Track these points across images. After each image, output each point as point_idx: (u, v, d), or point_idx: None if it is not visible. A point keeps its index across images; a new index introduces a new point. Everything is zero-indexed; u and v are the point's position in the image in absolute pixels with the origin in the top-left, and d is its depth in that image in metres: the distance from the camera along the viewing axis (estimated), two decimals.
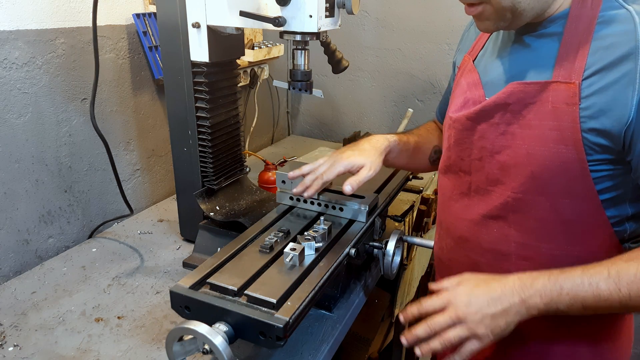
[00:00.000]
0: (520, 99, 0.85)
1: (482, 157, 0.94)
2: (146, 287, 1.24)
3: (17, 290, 1.23)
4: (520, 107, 0.86)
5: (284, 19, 1.05)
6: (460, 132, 0.97)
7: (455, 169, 1.01)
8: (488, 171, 0.93)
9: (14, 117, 1.26)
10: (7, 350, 1.02)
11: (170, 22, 1.22)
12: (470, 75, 0.98)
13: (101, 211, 1.56)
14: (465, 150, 0.97)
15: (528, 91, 0.85)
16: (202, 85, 1.25)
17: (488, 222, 0.95)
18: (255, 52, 1.88)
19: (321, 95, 1.20)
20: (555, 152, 0.82)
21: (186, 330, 0.82)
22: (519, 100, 0.86)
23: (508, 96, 0.87)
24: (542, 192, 0.86)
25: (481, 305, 0.82)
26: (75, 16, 1.37)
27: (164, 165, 1.78)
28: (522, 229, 0.91)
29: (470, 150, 0.96)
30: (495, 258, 0.96)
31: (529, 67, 0.87)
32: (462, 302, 0.83)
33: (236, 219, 1.29)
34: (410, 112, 1.99)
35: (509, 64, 0.91)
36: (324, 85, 2.45)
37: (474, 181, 0.97)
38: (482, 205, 0.96)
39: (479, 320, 0.81)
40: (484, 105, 0.91)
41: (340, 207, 1.19)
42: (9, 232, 1.30)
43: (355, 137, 2.11)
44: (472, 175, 0.97)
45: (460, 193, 1.01)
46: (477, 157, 0.95)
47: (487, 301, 0.82)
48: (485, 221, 0.96)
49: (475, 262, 0.99)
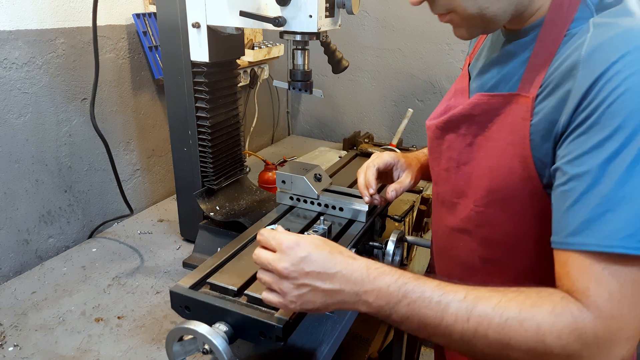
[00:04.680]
0: (485, 110, 0.80)
1: (448, 168, 0.89)
2: (146, 287, 1.24)
3: (17, 290, 1.23)
4: (485, 119, 0.80)
5: (284, 19, 1.05)
6: (432, 140, 0.94)
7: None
8: (454, 182, 0.88)
9: (14, 117, 1.26)
10: (7, 350, 1.03)
11: (170, 22, 1.22)
12: (462, 80, 0.94)
13: (101, 211, 1.56)
14: (435, 160, 0.94)
15: (492, 103, 0.79)
16: (202, 85, 1.25)
17: (455, 235, 0.90)
18: (255, 52, 1.88)
19: (321, 95, 1.20)
20: (511, 168, 0.76)
21: (186, 330, 0.82)
22: (484, 112, 0.81)
23: (473, 107, 0.82)
24: (503, 207, 0.79)
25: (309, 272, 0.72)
26: (75, 16, 1.37)
27: (164, 165, 1.78)
28: (486, 244, 0.85)
29: (439, 159, 0.93)
30: (464, 272, 0.91)
31: (504, 76, 0.81)
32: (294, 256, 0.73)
33: (236, 219, 1.29)
34: (411, 112, 1.99)
35: (492, 72, 0.85)
36: (324, 85, 2.45)
37: (441, 192, 0.93)
38: (450, 218, 0.91)
39: (295, 286, 0.73)
40: (450, 116, 0.87)
41: (340, 207, 1.19)
42: (9, 232, 1.30)
43: (355, 137, 2.11)
44: (439, 186, 0.94)
45: (435, 203, 0.99)
46: (445, 168, 0.91)
47: (319, 273, 0.72)
48: (453, 234, 0.91)
49: (449, 274, 0.95)
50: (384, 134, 2.41)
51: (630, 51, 0.61)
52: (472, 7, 0.74)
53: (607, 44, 0.64)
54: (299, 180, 1.21)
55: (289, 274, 0.72)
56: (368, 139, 2.14)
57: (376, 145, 2.05)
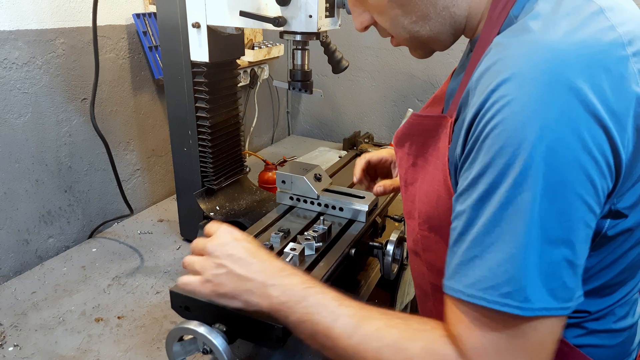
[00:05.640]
0: (420, 131, 0.75)
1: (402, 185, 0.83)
2: (146, 287, 1.24)
3: (17, 290, 1.23)
4: (422, 140, 0.75)
5: (284, 19, 1.05)
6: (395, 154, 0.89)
7: None
8: (405, 201, 0.83)
9: (14, 117, 1.26)
10: (7, 350, 1.03)
11: (170, 22, 1.22)
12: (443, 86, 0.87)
13: (101, 211, 1.56)
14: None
15: (425, 124, 0.74)
16: (202, 85, 1.25)
17: (411, 256, 0.86)
18: (255, 52, 1.88)
19: (321, 95, 1.20)
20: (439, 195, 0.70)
21: (186, 330, 0.82)
22: (420, 133, 0.75)
23: (411, 126, 0.77)
24: (441, 234, 0.73)
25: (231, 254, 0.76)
26: (75, 16, 1.37)
27: (164, 165, 1.78)
28: (433, 270, 0.80)
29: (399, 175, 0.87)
30: (420, 295, 0.88)
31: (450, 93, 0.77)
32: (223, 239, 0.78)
33: (236, 219, 1.29)
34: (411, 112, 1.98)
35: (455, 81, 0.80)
36: (324, 85, 2.45)
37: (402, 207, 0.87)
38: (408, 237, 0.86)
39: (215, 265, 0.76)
40: (397, 133, 0.82)
41: (340, 207, 1.19)
42: (9, 232, 1.30)
43: (355, 137, 2.11)
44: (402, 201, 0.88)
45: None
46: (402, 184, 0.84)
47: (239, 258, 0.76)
48: (410, 254, 0.86)
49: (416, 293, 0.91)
50: (384, 134, 2.41)
51: (509, 78, 0.54)
52: (403, 32, 0.74)
53: (492, 69, 0.56)
54: (299, 180, 1.21)
55: (213, 251, 0.77)
56: (368, 139, 2.14)
57: (376, 145, 2.05)
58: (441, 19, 0.70)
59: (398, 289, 1.63)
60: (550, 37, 0.54)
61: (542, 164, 0.51)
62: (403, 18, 0.71)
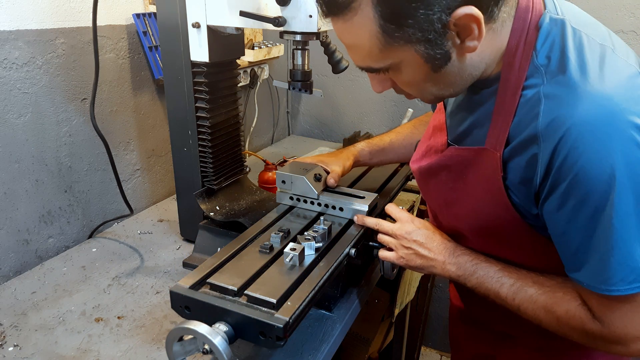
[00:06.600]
0: (459, 162, 0.90)
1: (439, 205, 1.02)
2: (146, 287, 1.24)
3: (17, 290, 1.23)
4: (461, 168, 0.90)
5: (284, 19, 1.05)
6: (418, 180, 1.06)
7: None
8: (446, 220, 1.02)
9: (14, 117, 1.26)
10: (7, 350, 1.03)
11: (170, 22, 1.22)
12: (438, 116, 1.01)
13: (101, 211, 1.56)
14: (426, 195, 1.08)
15: (465, 156, 0.89)
16: (202, 85, 1.25)
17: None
18: (255, 52, 1.88)
19: (321, 95, 1.20)
20: (494, 212, 0.86)
21: (186, 330, 0.82)
22: (458, 163, 0.91)
23: (448, 159, 0.93)
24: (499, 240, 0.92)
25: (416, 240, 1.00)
26: (75, 16, 1.37)
27: (164, 165, 1.78)
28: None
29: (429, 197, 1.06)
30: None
31: (476, 122, 0.87)
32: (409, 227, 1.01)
33: (236, 219, 1.28)
34: (411, 112, 1.99)
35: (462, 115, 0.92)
36: (324, 85, 2.45)
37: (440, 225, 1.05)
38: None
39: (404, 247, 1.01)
40: (430, 164, 0.98)
41: (340, 207, 1.19)
42: (9, 232, 1.30)
43: (355, 137, 2.11)
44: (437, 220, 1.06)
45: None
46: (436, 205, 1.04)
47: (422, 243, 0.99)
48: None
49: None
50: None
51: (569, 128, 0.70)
52: (429, 97, 0.85)
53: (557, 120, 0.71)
54: (299, 180, 1.21)
55: (402, 236, 1.01)
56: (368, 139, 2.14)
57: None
58: (464, 82, 0.81)
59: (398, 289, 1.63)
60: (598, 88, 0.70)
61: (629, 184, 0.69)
62: (432, 88, 0.82)
